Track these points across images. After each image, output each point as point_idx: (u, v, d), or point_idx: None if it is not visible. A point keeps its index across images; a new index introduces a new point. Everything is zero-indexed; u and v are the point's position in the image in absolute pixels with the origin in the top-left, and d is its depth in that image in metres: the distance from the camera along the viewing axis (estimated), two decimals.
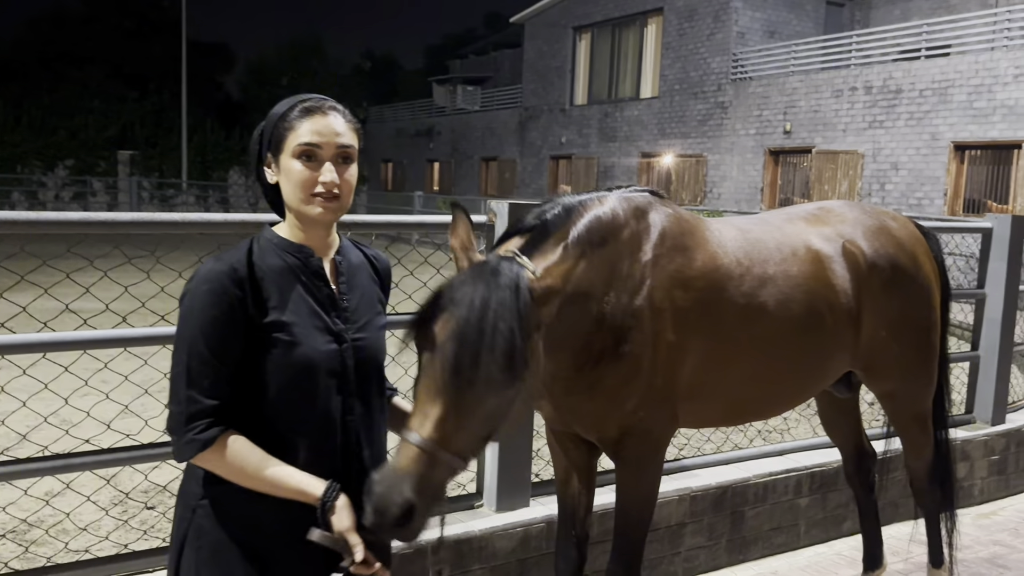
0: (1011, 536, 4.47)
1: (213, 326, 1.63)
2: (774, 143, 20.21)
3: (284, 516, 1.68)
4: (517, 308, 1.73)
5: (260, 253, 1.73)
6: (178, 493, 1.78)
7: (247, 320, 1.66)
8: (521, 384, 1.75)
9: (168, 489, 3.34)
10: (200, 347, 1.62)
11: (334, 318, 1.75)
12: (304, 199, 1.70)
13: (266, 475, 1.65)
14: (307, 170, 1.70)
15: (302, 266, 1.74)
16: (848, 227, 2.98)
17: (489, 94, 33.39)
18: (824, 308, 2.75)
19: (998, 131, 15.52)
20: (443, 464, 1.68)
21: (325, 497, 1.65)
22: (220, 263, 1.68)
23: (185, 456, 1.65)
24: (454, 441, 1.69)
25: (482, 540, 3.24)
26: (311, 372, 1.69)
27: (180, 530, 1.73)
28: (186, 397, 1.63)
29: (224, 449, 1.64)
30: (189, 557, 1.71)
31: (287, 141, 1.72)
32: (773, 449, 4.31)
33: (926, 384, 3.22)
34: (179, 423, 1.63)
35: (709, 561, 3.88)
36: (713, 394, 2.62)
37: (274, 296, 1.69)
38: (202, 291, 1.64)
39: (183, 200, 33.26)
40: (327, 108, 1.75)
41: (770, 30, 21.84)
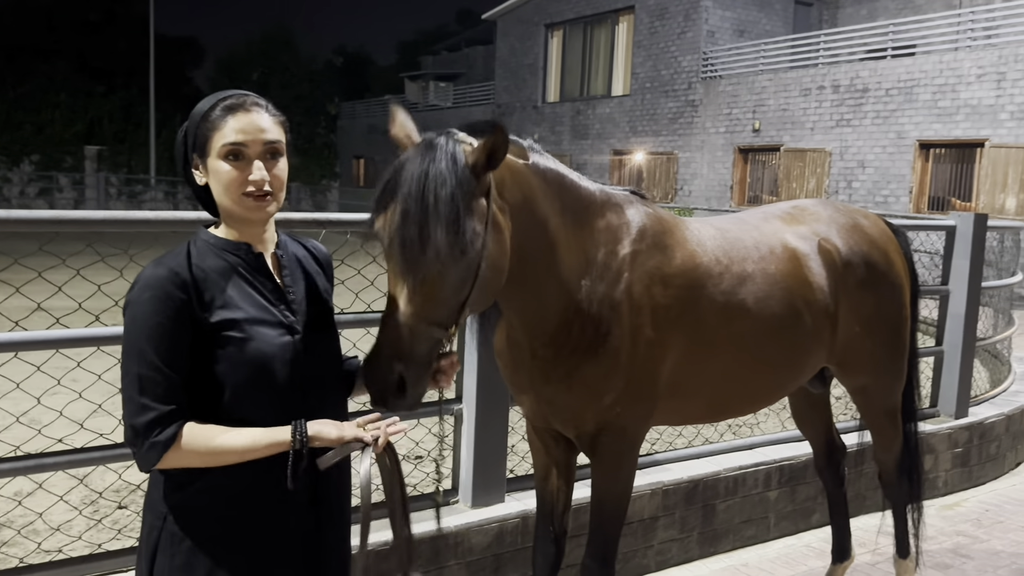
0: (974, 527, 4.58)
1: (160, 333, 1.60)
2: (743, 141, 20.42)
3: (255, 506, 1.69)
4: (455, 174, 1.82)
5: (199, 255, 1.70)
6: (145, 501, 1.77)
7: (194, 323, 1.63)
8: (479, 248, 1.86)
9: (141, 488, 3.32)
10: (149, 355, 1.60)
11: (283, 311, 1.74)
12: (236, 199, 1.68)
13: (237, 444, 1.63)
14: (235, 170, 1.67)
15: (243, 263, 1.73)
16: (823, 225, 3.04)
17: (461, 90, 33.39)
18: (802, 305, 2.81)
19: (961, 130, 15.83)
20: (422, 335, 1.80)
21: (298, 433, 1.66)
22: (160, 268, 1.65)
23: (150, 463, 1.62)
24: (429, 312, 1.81)
25: (458, 536, 3.26)
26: (266, 366, 1.68)
27: (151, 538, 1.71)
28: (140, 406, 1.60)
29: (186, 443, 1.62)
30: (162, 564, 1.69)
31: (212, 142, 1.68)
32: (743, 443, 4.37)
33: (897, 378, 3.29)
34: (137, 433, 1.61)
35: (681, 554, 3.93)
36: (694, 391, 2.65)
37: (219, 296, 1.67)
38: (145, 299, 1.62)
39: (152, 196, 32.84)
40: (250, 104, 1.71)
41: (740, 29, 22.05)
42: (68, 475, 3.21)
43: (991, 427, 5.34)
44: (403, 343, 1.78)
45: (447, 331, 1.85)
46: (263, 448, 1.65)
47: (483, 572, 3.33)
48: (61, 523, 3.55)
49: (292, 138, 1.81)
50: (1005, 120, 15.13)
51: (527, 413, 2.67)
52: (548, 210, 2.22)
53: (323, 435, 1.68)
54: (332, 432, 1.69)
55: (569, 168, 2.42)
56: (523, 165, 2.17)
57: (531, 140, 2.29)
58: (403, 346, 1.78)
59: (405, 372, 1.77)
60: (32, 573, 2.64)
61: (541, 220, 2.19)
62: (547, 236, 2.22)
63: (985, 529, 4.55)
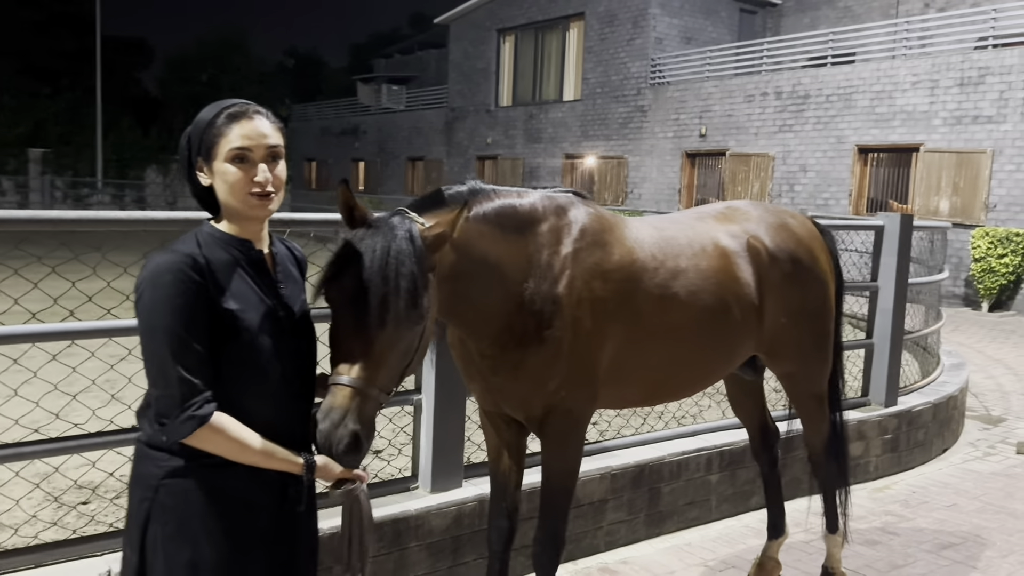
0: (901, 507, 4.90)
1: (184, 311, 1.75)
2: (691, 146, 20.90)
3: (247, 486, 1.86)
4: (414, 253, 1.99)
5: (206, 246, 1.86)
6: (132, 478, 1.89)
7: (211, 306, 1.79)
8: (426, 320, 2.04)
9: (114, 477, 3.44)
10: (178, 331, 1.74)
11: (276, 305, 1.92)
12: (241, 199, 1.85)
13: (261, 448, 1.82)
14: (240, 172, 1.84)
15: (244, 258, 1.90)
16: (752, 224, 3.29)
17: (414, 94, 33.42)
18: (731, 298, 3.05)
19: (898, 135, 16.45)
20: (372, 398, 1.95)
21: (308, 462, 1.88)
22: (175, 254, 1.79)
23: (182, 435, 1.75)
24: (377, 377, 1.96)
25: (418, 519, 3.44)
26: (265, 357, 1.86)
27: (142, 510, 1.84)
28: (177, 378, 1.73)
29: (219, 426, 1.77)
30: (155, 534, 1.82)
31: (218, 147, 1.84)
32: (686, 430, 4.63)
33: (822, 366, 3.56)
34: (173, 404, 1.74)
35: (629, 535, 4.16)
36: (632, 377, 2.88)
37: (226, 286, 1.83)
38: (166, 281, 1.75)
39: (98, 199, 32.24)
40: (252, 112, 1.88)
41: (687, 36, 22.55)
42: (46, 464, 3.30)
43: (919, 415, 5.69)
44: (357, 407, 1.90)
45: (389, 396, 2.02)
46: (275, 462, 1.85)
47: (442, 554, 3.51)
48: (32, 514, 3.64)
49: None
50: (938, 126, 15.78)
51: (478, 398, 2.87)
52: (487, 247, 2.41)
53: (328, 468, 1.91)
54: (336, 468, 1.91)
55: (511, 187, 2.63)
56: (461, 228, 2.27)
57: (473, 182, 2.50)
58: (357, 409, 1.90)
59: (360, 432, 1.90)
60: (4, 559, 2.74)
61: (479, 258, 2.39)
62: (485, 266, 2.42)
63: (912, 509, 4.87)
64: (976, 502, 5.00)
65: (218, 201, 1.90)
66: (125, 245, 2.97)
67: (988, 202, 14.90)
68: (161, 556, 1.83)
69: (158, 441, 1.83)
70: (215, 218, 1.95)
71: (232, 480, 1.85)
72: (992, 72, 14.89)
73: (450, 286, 2.26)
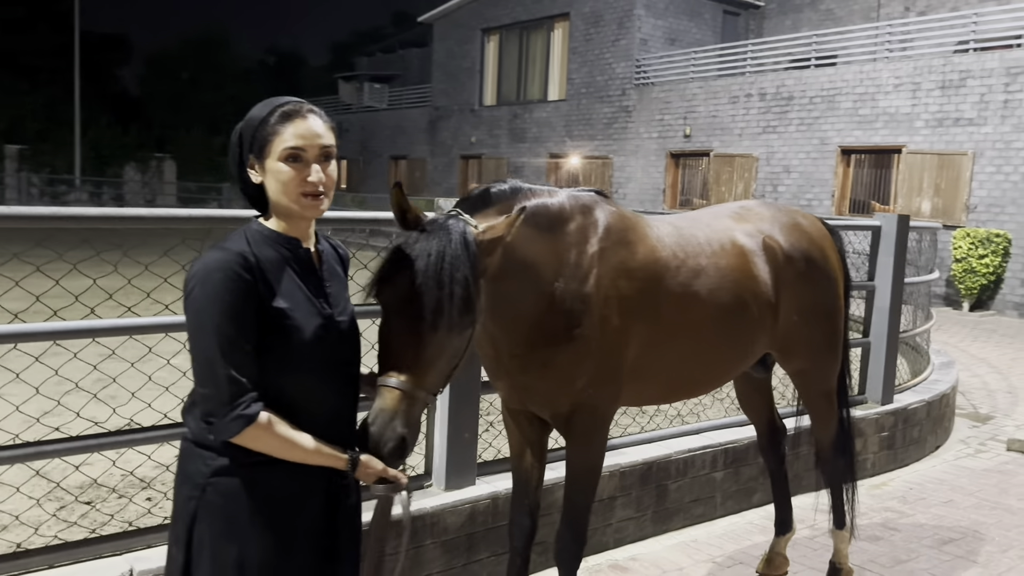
0: (900, 503, 4.97)
1: (234, 309, 1.75)
2: (675, 146, 21.02)
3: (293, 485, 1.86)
4: (468, 258, 2.00)
5: (255, 244, 1.85)
6: (178, 475, 1.90)
7: (260, 305, 1.79)
8: (475, 323, 2.06)
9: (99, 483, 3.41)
10: (228, 329, 1.74)
11: (322, 303, 1.92)
12: (293, 198, 1.84)
13: (307, 445, 1.82)
14: (294, 171, 1.83)
15: (293, 256, 1.89)
16: (766, 224, 3.34)
17: (397, 92, 33.34)
18: (749, 296, 3.10)
19: (880, 137, 16.65)
20: (420, 400, 1.97)
21: (352, 458, 1.88)
22: (226, 252, 1.79)
23: (230, 433, 1.76)
24: (427, 380, 1.98)
25: (433, 517, 3.45)
26: (311, 354, 1.86)
27: (189, 508, 1.84)
28: (226, 377, 1.74)
29: (265, 424, 1.77)
30: (202, 532, 1.83)
31: (272, 145, 1.83)
32: (691, 428, 4.67)
33: (832, 363, 3.62)
34: (221, 403, 1.75)
35: (637, 532, 4.20)
36: (653, 374, 2.91)
37: (275, 284, 1.83)
38: (217, 279, 1.75)
39: (76, 197, 31.85)
40: (306, 111, 1.87)
41: (671, 37, 22.68)
42: (66, 463, 3.27)
43: (914, 412, 5.78)
44: (405, 410, 1.92)
45: (435, 398, 2.05)
46: (321, 458, 1.85)
47: (457, 551, 3.52)
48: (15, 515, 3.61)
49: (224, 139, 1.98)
50: (920, 128, 15.99)
51: (503, 396, 2.88)
52: (527, 247, 2.44)
53: (372, 466, 1.90)
54: (378, 465, 1.91)
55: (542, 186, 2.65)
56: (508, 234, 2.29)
57: (512, 181, 2.53)
58: (405, 412, 1.92)
59: (407, 435, 1.93)
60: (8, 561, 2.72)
61: (520, 259, 2.42)
62: (526, 266, 2.45)
63: (910, 505, 4.95)
64: (972, 498, 5.09)
65: (267, 199, 1.90)
66: (147, 243, 2.95)
67: (969, 203, 15.12)
68: (208, 554, 1.83)
69: (205, 439, 1.83)
70: (263, 216, 1.94)
71: (278, 478, 1.85)
72: (973, 75, 15.11)
73: (493, 287, 2.28)
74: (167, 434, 2.90)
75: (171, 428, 2.89)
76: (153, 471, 3.92)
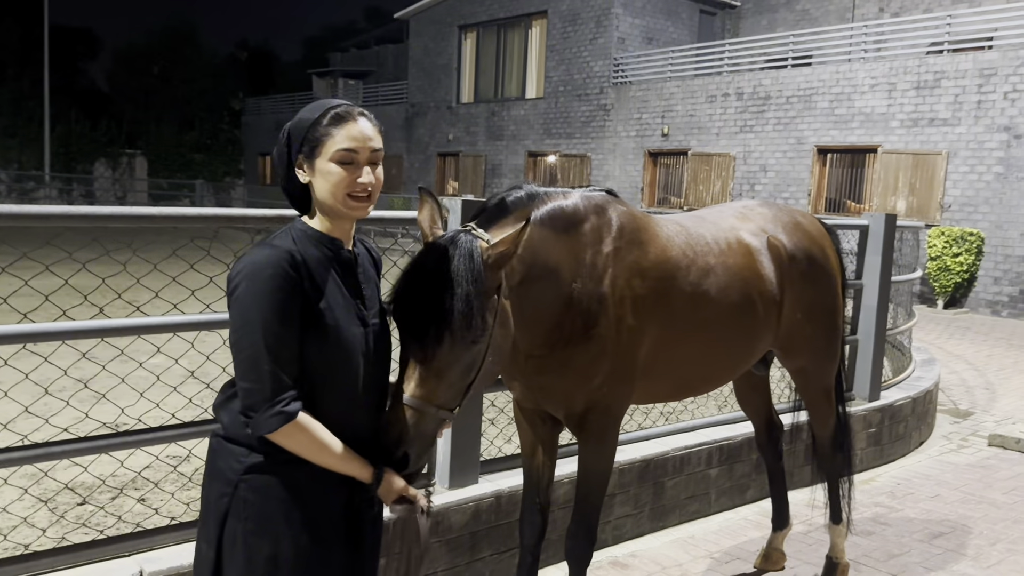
0: (889, 498, 5.06)
1: (281, 306, 1.76)
2: (653, 145, 21.14)
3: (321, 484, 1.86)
4: (472, 274, 2.00)
5: (301, 243, 1.86)
6: (208, 472, 1.89)
7: (305, 303, 1.80)
8: (487, 339, 2.06)
9: (107, 484, 3.38)
10: (274, 326, 1.75)
11: (359, 305, 1.93)
12: (341, 199, 1.86)
13: (339, 452, 1.83)
14: (345, 173, 1.84)
15: (335, 257, 1.91)
16: (769, 223, 3.38)
17: (372, 89, 33.17)
18: (755, 295, 3.14)
19: (856, 136, 16.86)
20: (430, 416, 1.97)
21: (378, 473, 1.89)
22: (275, 249, 1.80)
23: (268, 428, 1.76)
24: (437, 395, 1.99)
25: (437, 515, 3.45)
26: (348, 354, 1.87)
27: (220, 505, 1.84)
28: (269, 372, 1.74)
29: (304, 424, 1.78)
30: (234, 529, 1.83)
31: (324, 146, 1.85)
32: (686, 425, 4.71)
33: (832, 360, 3.67)
34: (262, 398, 1.75)
35: (635, 528, 4.23)
36: (664, 372, 2.94)
37: (320, 284, 1.84)
38: (266, 275, 1.76)
39: (46, 194, 31.35)
40: (357, 114, 1.88)
41: (648, 36, 22.79)
42: (75, 463, 3.23)
43: (899, 409, 5.87)
44: (410, 424, 1.94)
45: (452, 412, 2.04)
46: (350, 467, 1.86)
47: (460, 549, 3.53)
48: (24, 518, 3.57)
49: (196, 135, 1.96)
50: (896, 127, 16.22)
51: (517, 396, 2.90)
52: (548, 251, 2.46)
53: (393, 484, 1.91)
54: (400, 483, 1.92)
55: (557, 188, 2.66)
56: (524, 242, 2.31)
57: (528, 186, 2.53)
58: (409, 427, 1.93)
59: (409, 450, 1.93)
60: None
61: (542, 263, 2.44)
62: (548, 269, 2.47)
63: (899, 500, 5.03)
64: (958, 492, 5.18)
65: (312, 198, 1.91)
66: (157, 241, 2.92)
67: (943, 202, 15.37)
68: (241, 551, 1.83)
69: (238, 435, 1.84)
70: (307, 215, 1.95)
71: (309, 477, 1.85)
72: (947, 76, 15.35)
73: (518, 292, 2.30)
74: (176, 434, 2.87)
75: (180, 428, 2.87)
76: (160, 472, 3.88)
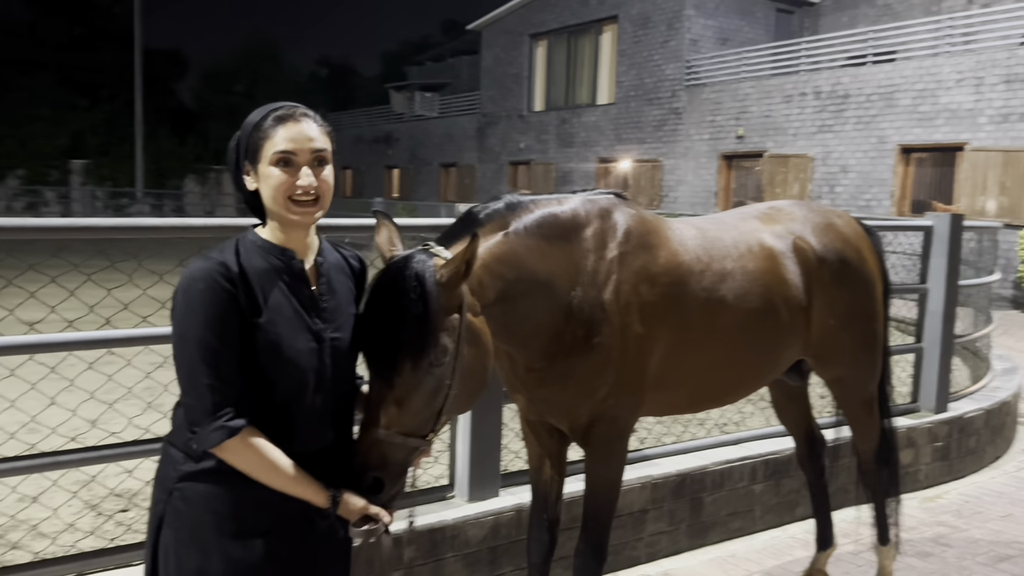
0: (954, 517, 4.73)
1: (216, 320, 1.70)
2: (727, 148, 20.65)
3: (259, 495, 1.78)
4: (422, 295, 1.90)
5: (246, 254, 1.80)
6: (155, 478, 1.86)
7: (241, 317, 1.74)
8: (450, 362, 1.94)
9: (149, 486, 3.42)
10: (209, 340, 1.70)
11: (314, 318, 1.84)
12: (284, 203, 1.79)
13: (288, 474, 1.76)
14: (285, 175, 1.78)
15: (285, 268, 1.83)
16: (798, 225, 3.19)
17: (447, 100, 33.51)
18: (778, 300, 2.95)
19: (942, 134, 16.08)
20: (397, 444, 1.89)
21: (334, 496, 1.81)
22: (209, 261, 1.75)
23: (211, 444, 1.71)
24: (401, 423, 1.90)
25: (455, 529, 3.37)
26: (293, 370, 1.79)
27: (156, 512, 1.81)
28: (208, 387, 1.69)
29: (249, 442, 1.72)
30: (167, 537, 1.79)
31: (263, 149, 1.79)
32: (729, 438, 4.51)
33: (871, 370, 3.44)
34: (204, 412, 1.70)
35: (670, 546, 4.06)
36: (678, 383, 2.79)
37: (260, 296, 1.77)
38: (198, 289, 1.71)
39: (138, 210, 32.74)
40: (299, 115, 1.82)
41: (722, 37, 22.31)
42: (82, 473, 3.30)
43: (970, 422, 5.50)
44: (375, 453, 1.87)
45: (424, 439, 1.94)
46: (302, 490, 1.78)
47: (479, 565, 3.44)
48: (70, 523, 3.65)
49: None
50: (984, 124, 15.40)
51: (521, 408, 2.80)
52: (535, 262, 2.33)
53: (352, 505, 1.82)
54: (359, 503, 1.83)
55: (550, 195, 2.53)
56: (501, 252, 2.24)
57: (510, 196, 2.41)
58: (375, 455, 1.87)
59: (382, 476, 1.87)
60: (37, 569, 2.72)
61: (529, 276, 2.31)
62: (537, 282, 2.34)
63: (965, 519, 4.70)
64: None
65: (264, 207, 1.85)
66: (162, 253, 2.95)
67: None
68: (173, 561, 1.79)
69: (177, 440, 1.81)
70: (260, 225, 1.89)
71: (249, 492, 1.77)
72: None
73: (502, 308, 2.20)
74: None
75: None
76: None
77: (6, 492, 3.36)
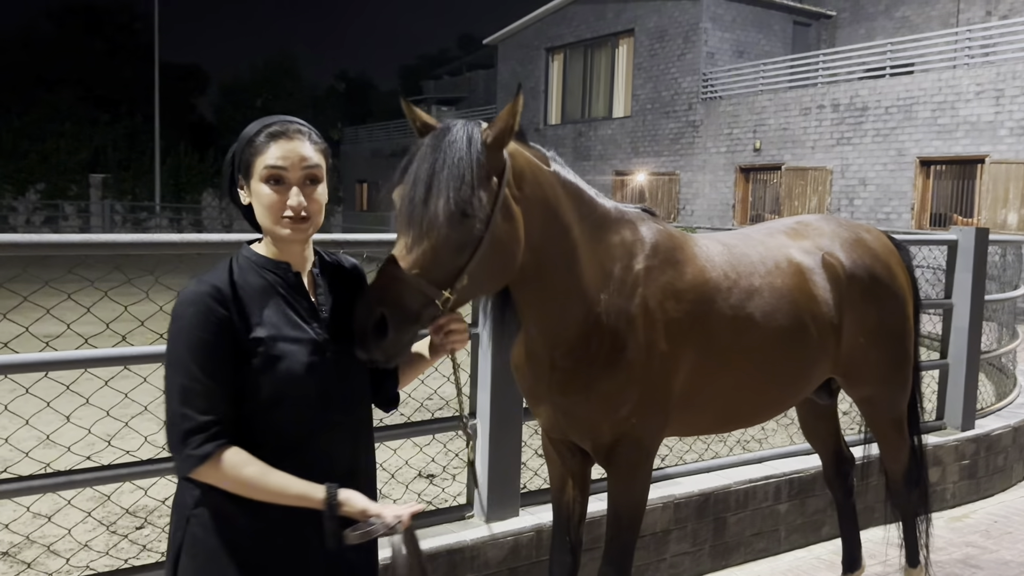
0: (982, 538, 4.62)
1: (201, 347, 1.67)
2: (744, 160, 20.56)
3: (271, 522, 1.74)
4: (468, 146, 1.98)
5: (240, 272, 1.78)
6: (173, 504, 1.83)
7: (235, 338, 1.71)
8: (483, 218, 1.97)
9: (165, 505, 3.39)
10: (190, 367, 1.67)
11: (316, 329, 1.81)
12: (274, 221, 1.76)
13: (269, 485, 1.70)
14: (275, 194, 1.74)
15: (281, 281, 1.80)
16: (826, 240, 3.12)
17: (464, 114, 33.63)
18: (808, 318, 2.88)
19: (961, 146, 15.94)
20: (413, 285, 1.87)
21: (329, 497, 1.72)
22: (202, 284, 1.72)
23: (185, 471, 1.69)
24: (422, 265, 1.90)
25: (474, 550, 3.31)
26: (295, 382, 1.75)
27: (176, 539, 1.78)
28: (180, 415, 1.67)
29: (223, 463, 1.68)
30: (186, 565, 1.76)
31: (255, 165, 1.76)
32: (752, 457, 4.42)
33: (902, 389, 3.36)
34: (176, 440, 1.68)
35: (693, 567, 3.97)
36: (705, 403, 2.72)
37: (256, 313, 1.74)
38: (188, 313, 1.69)
39: (157, 223, 33.00)
40: (292, 132, 1.78)
41: (739, 50, 22.27)
42: (97, 491, 3.27)
43: (998, 439, 5.39)
44: (390, 288, 1.85)
45: (439, 291, 1.91)
46: (292, 498, 1.72)
47: None
48: (85, 542, 3.62)
49: None
50: (1004, 136, 15.25)
51: (544, 424, 2.73)
52: (569, 218, 2.33)
53: (352, 504, 1.74)
54: (360, 503, 1.75)
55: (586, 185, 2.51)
56: (545, 169, 2.31)
57: (554, 152, 2.42)
58: (389, 291, 1.85)
59: (388, 316, 1.81)
60: None
61: (563, 225, 2.31)
62: (568, 242, 2.32)
63: (994, 540, 4.58)
64: None
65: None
66: (179, 268, 2.92)
67: None
68: None
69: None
70: (255, 240, 1.87)
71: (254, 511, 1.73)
72: None
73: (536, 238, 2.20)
74: None
75: None
76: None
77: (20, 511, 3.32)
